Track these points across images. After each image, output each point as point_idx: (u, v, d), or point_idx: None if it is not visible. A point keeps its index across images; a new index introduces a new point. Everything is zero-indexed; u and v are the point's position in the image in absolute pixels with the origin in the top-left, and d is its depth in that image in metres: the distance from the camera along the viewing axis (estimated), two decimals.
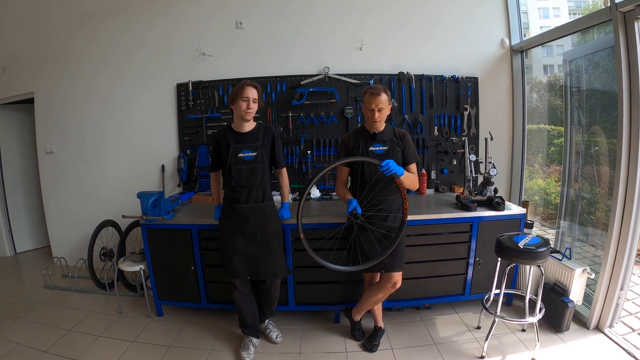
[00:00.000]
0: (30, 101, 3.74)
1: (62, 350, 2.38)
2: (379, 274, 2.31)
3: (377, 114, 2.07)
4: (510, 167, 3.35)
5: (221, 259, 2.30)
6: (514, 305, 2.77)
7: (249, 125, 2.22)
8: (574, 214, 2.98)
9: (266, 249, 2.24)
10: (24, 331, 2.61)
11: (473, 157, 2.59)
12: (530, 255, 2.08)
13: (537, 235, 2.23)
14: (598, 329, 2.45)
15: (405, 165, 2.21)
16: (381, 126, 2.18)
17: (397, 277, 2.18)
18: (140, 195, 2.59)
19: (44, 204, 3.80)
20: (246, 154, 2.17)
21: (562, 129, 3.64)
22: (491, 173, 2.51)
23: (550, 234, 3.32)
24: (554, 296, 2.47)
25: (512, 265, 2.20)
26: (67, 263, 3.50)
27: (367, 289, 2.36)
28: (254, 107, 2.14)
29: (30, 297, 3.17)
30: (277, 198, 2.50)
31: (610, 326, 2.43)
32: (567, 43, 3.46)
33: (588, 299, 2.57)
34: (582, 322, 2.52)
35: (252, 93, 2.11)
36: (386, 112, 2.11)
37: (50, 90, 3.59)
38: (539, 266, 2.17)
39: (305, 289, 2.60)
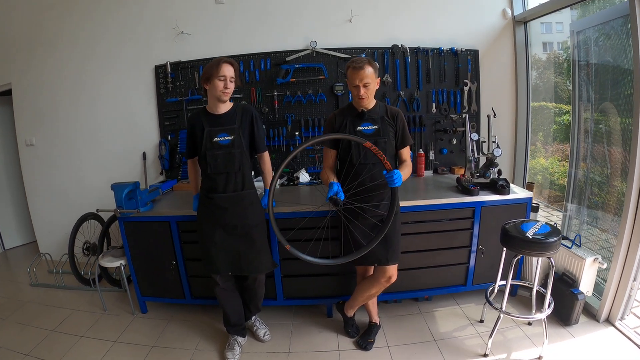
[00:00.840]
0: (9, 93, 3.40)
1: (43, 353, 2.17)
2: (372, 267, 2.03)
3: (362, 90, 1.75)
4: (513, 147, 3.01)
5: (200, 253, 2.03)
6: (518, 295, 2.49)
7: (225, 107, 1.91)
8: (582, 197, 2.67)
9: (248, 241, 1.96)
10: (7, 333, 2.40)
11: (475, 136, 2.26)
12: (540, 246, 1.78)
13: (546, 223, 1.93)
14: (609, 321, 2.18)
15: (398, 149, 1.90)
16: (370, 103, 1.85)
17: (392, 270, 1.89)
18: (114, 186, 2.32)
19: (28, 198, 3.51)
20: (222, 138, 1.87)
21: (565, 106, 3.32)
22: (495, 153, 2.18)
23: (556, 217, 3.02)
24: (563, 287, 2.19)
25: (519, 257, 1.90)
26: (52, 259, 3.25)
27: (360, 282, 2.08)
28: (231, 86, 1.84)
29: (16, 295, 2.93)
30: (259, 184, 2.19)
31: (622, 318, 2.16)
32: (566, 19, 3.14)
33: (598, 288, 2.29)
34: (591, 314, 2.24)
35: (229, 71, 1.81)
36: (373, 87, 1.78)
37: (26, 81, 3.24)
38: (548, 258, 1.87)
39: (295, 282, 2.32)
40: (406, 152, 1.92)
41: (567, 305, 2.15)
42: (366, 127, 1.83)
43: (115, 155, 3.17)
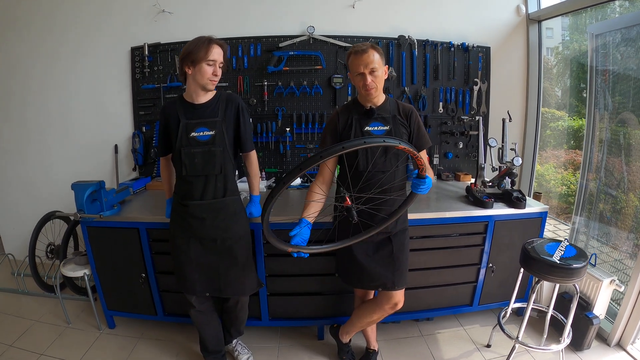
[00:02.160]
0: None
1: None
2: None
3: (369, 78, 1.36)
4: (521, 154, 2.68)
5: (173, 268, 1.64)
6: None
7: (207, 95, 1.50)
8: (592, 210, 2.38)
9: (229, 258, 1.58)
10: None
11: (494, 142, 1.91)
12: (567, 271, 1.48)
13: (570, 244, 1.62)
14: (620, 345, 1.93)
15: None
16: (379, 98, 1.47)
17: (399, 296, 1.54)
18: (75, 186, 1.87)
19: None
20: (201, 133, 1.47)
21: (557, 112, 3.09)
22: (515, 163, 1.84)
23: (562, 231, 2.74)
24: (576, 310, 1.88)
25: (541, 282, 1.59)
26: (15, 259, 2.76)
27: (358, 306, 1.72)
28: (220, 73, 1.45)
29: None
30: (243, 185, 1.77)
31: (633, 342, 1.91)
32: (557, 25, 2.90)
33: (609, 311, 2.03)
34: (602, 337, 1.98)
35: (219, 55, 1.42)
36: (381, 74, 1.40)
37: None
38: (574, 285, 1.56)
39: (282, 301, 1.95)
40: (423, 156, 1.54)
41: (580, 329, 1.87)
42: (376, 128, 1.45)
43: (85, 147, 2.68)
